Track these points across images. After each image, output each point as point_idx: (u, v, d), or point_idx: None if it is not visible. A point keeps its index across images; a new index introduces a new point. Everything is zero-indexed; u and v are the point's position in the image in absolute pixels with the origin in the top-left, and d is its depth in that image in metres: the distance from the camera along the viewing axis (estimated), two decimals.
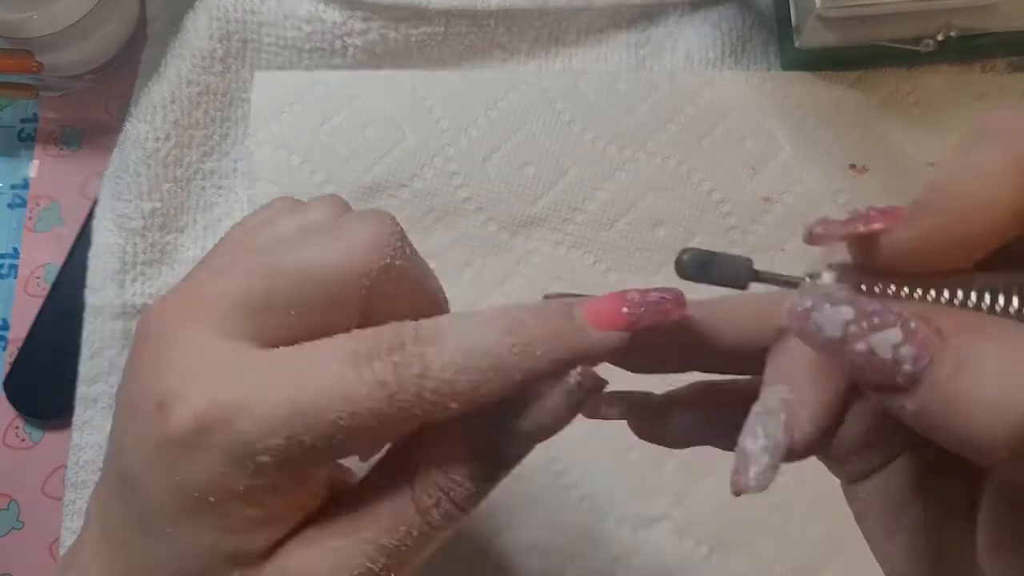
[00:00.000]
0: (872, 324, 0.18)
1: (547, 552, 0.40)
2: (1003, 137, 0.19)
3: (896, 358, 0.18)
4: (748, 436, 0.21)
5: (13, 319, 0.44)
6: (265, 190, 0.42)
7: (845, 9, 0.40)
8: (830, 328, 0.19)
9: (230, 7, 0.43)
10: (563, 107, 0.43)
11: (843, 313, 0.19)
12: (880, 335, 0.18)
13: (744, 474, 0.20)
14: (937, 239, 0.19)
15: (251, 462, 0.23)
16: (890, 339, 0.18)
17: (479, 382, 0.23)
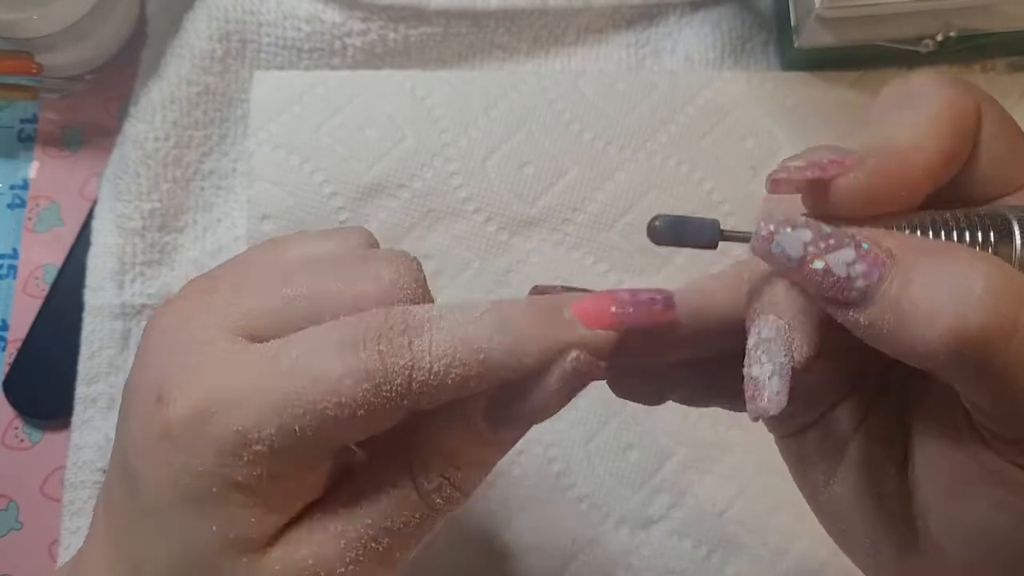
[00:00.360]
0: (828, 244, 0.21)
1: (547, 552, 0.40)
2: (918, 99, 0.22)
3: (850, 275, 0.20)
4: (754, 364, 0.22)
5: (12, 319, 0.44)
6: (264, 190, 0.42)
7: (845, 9, 0.40)
8: (791, 249, 0.21)
9: (229, 7, 0.43)
10: (563, 107, 0.43)
11: (802, 235, 0.21)
12: (835, 254, 0.20)
13: (760, 400, 0.22)
14: (882, 180, 0.22)
15: (246, 452, 0.23)
16: (844, 258, 0.20)
17: (467, 375, 0.23)
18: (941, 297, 0.19)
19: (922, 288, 0.20)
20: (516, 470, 0.41)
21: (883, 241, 0.21)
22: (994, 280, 0.19)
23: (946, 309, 0.19)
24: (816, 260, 0.21)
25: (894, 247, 0.20)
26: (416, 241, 0.42)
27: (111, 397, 0.42)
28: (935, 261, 0.20)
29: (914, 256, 0.20)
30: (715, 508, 0.40)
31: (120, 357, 0.42)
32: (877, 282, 0.20)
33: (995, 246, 0.21)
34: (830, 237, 0.21)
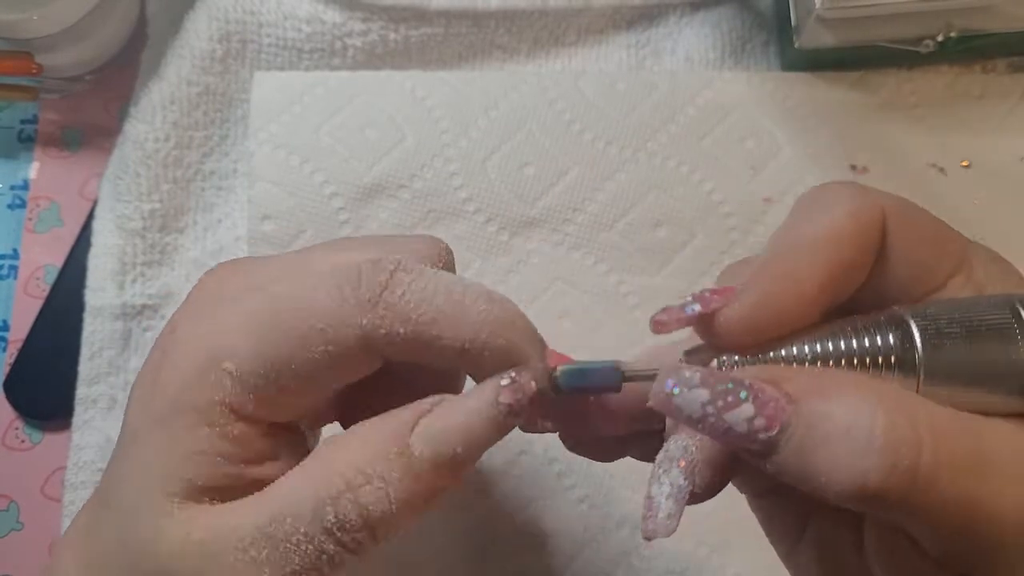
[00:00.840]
0: (726, 403, 0.21)
1: (547, 552, 0.40)
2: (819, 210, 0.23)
3: (750, 430, 0.20)
4: (654, 483, 0.23)
5: (13, 320, 0.44)
6: (265, 190, 0.42)
7: (845, 10, 0.40)
8: (690, 409, 0.21)
9: (230, 8, 0.43)
10: (563, 107, 0.43)
11: (699, 395, 0.21)
12: (733, 413, 0.21)
13: (651, 520, 0.22)
14: (764, 311, 0.22)
15: (215, 371, 0.24)
16: (743, 414, 0.21)
17: (439, 324, 0.24)
18: (839, 452, 0.19)
19: (821, 441, 0.20)
20: (516, 470, 0.41)
21: (783, 384, 0.21)
22: (889, 430, 0.19)
23: (845, 464, 0.19)
24: (716, 420, 0.21)
25: (792, 391, 0.21)
26: None
27: (112, 398, 0.42)
28: (833, 407, 0.20)
29: (813, 402, 0.20)
30: (715, 509, 0.40)
31: (121, 357, 0.42)
32: (778, 434, 0.20)
33: (898, 353, 0.21)
34: (727, 394, 0.21)
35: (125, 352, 0.42)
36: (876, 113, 0.44)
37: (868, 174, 0.43)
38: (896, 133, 0.44)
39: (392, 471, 0.24)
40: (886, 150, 0.44)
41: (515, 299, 0.41)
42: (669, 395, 0.21)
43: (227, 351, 0.24)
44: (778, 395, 0.21)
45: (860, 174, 0.43)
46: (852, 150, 0.44)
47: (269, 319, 0.24)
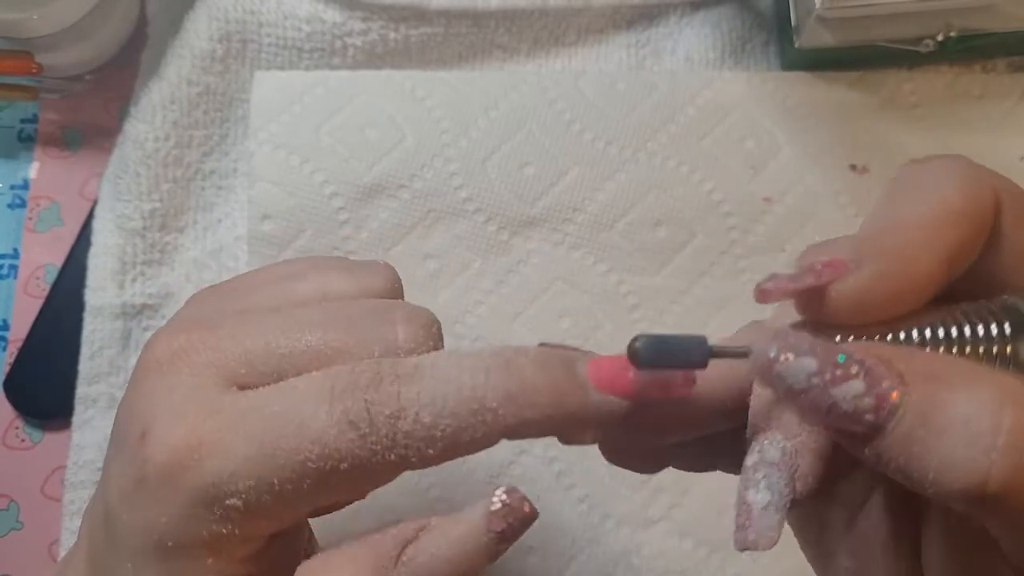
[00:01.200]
0: (835, 376, 0.19)
1: (547, 552, 0.40)
2: (928, 186, 0.21)
3: (857, 409, 0.19)
4: (751, 488, 0.21)
5: (13, 319, 0.44)
6: (265, 190, 0.42)
7: (845, 9, 0.40)
8: (794, 380, 0.19)
9: (230, 7, 0.43)
10: (563, 107, 0.43)
11: (806, 365, 0.19)
12: (842, 387, 0.19)
13: (750, 531, 0.21)
14: (882, 286, 0.20)
15: (219, 506, 0.22)
16: (852, 391, 0.19)
17: (459, 430, 0.22)
18: (957, 444, 0.18)
19: (935, 431, 0.18)
20: (516, 470, 0.41)
21: (895, 364, 0.19)
22: (1017, 428, 0.17)
23: (962, 459, 0.17)
24: (822, 394, 0.19)
25: (906, 373, 0.19)
26: (416, 241, 0.42)
27: (112, 397, 0.42)
28: (951, 395, 0.18)
29: (928, 387, 0.18)
30: (715, 508, 0.40)
31: (121, 357, 0.42)
32: (887, 416, 0.18)
33: (1013, 342, 0.20)
34: (836, 367, 0.19)
35: (125, 351, 0.42)
36: (876, 113, 0.44)
37: (868, 174, 0.43)
38: (896, 133, 0.44)
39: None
40: (886, 150, 0.44)
41: (515, 299, 0.42)
42: (772, 361, 0.19)
43: (229, 486, 0.22)
44: (890, 374, 0.19)
45: (860, 174, 0.43)
46: (852, 150, 0.44)
47: (273, 451, 0.22)
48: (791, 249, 0.43)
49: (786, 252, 0.43)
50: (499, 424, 0.22)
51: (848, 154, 0.44)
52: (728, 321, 0.42)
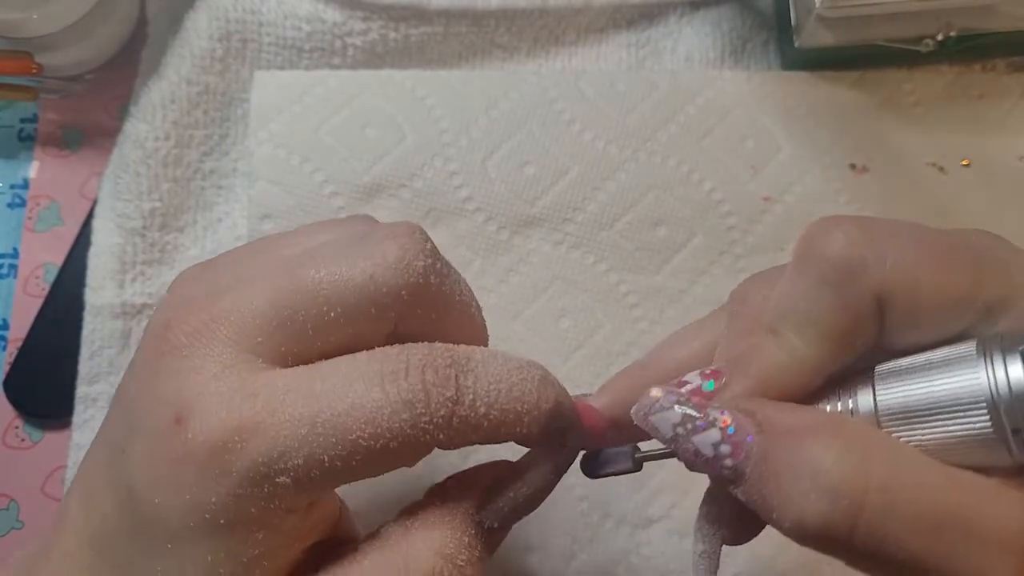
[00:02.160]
0: (695, 427, 0.21)
1: (547, 552, 0.40)
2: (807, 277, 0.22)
3: (716, 455, 0.21)
4: (694, 539, 0.24)
5: (13, 319, 0.44)
6: (265, 190, 0.42)
7: (845, 9, 0.40)
8: (663, 429, 0.22)
9: (230, 7, 0.43)
10: (563, 107, 0.43)
11: (671, 416, 0.22)
12: (701, 436, 0.21)
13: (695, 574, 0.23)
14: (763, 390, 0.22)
15: (269, 484, 0.22)
16: (710, 439, 0.21)
17: (502, 423, 0.24)
18: (787, 485, 0.20)
19: (773, 473, 0.20)
20: None
21: (758, 413, 0.21)
22: (835, 465, 0.19)
23: (789, 499, 0.20)
24: (685, 442, 0.22)
25: (764, 423, 0.21)
26: None
27: (112, 396, 0.42)
28: (791, 441, 0.20)
29: (774, 435, 0.21)
30: None
31: (121, 356, 0.42)
32: (743, 461, 0.21)
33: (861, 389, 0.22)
34: (696, 418, 0.22)
35: (125, 351, 0.42)
36: (876, 113, 0.44)
37: (868, 173, 0.43)
38: (896, 132, 0.44)
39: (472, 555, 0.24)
40: (886, 149, 0.44)
41: (515, 298, 0.42)
42: (647, 414, 0.22)
43: (279, 464, 0.22)
44: (748, 424, 0.21)
45: (860, 174, 0.43)
46: (852, 149, 0.44)
47: (325, 431, 0.22)
48: (790, 249, 0.43)
49: (785, 252, 0.43)
50: (535, 425, 0.24)
51: (848, 154, 0.44)
52: None
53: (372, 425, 0.22)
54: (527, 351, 0.42)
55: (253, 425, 0.22)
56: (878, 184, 0.43)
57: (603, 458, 0.26)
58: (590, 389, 0.42)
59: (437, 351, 0.24)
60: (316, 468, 0.22)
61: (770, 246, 0.43)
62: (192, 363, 0.24)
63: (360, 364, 0.23)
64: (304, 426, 0.22)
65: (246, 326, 0.24)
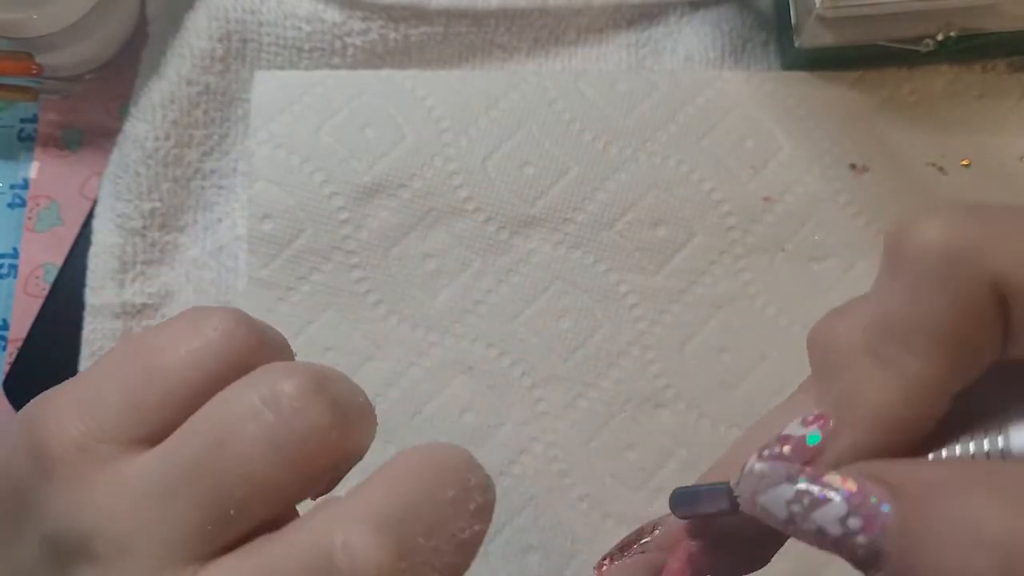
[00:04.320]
0: (815, 501, 0.18)
1: (547, 552, 0.40)
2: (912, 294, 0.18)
3: (847, 532, 0.17)
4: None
5: (13, 319, 0.44)
6: (265, 190, 0.42)
7: (845, 9, 0.40)
8: (777, 511, 0.18)
9: (230, 7, 0.43)
10: (563, 107, 0.43)
11: (783, 493, 0.18)
12: (822, 511, 0.18)
13: None
14: (884, 433, 0.18)
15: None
16: (833, 513, 0.17)
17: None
18: (946, 549, 0.16)
19: (923, 545, 0.16)
20: (516, 469, 0.41)
21: (886, 475, 0.17)
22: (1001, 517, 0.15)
23: (950, 565, 0.16)
24: (804, 522, 0.18)
25: (896, 483, 0.17)
26: (416, 241, 0.42)
27: None
28: (940, 501, 0.16)
29: (918, 499, 0.16)
30: None
31: None
32: (879, 533, 0.17)
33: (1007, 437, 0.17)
34: (811, 492, 0.18)
35: None
36: (876, 113, 0.44)
37: (868, 174, 0.43)
38: (896, 133, 0.44)
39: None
40: (886, 149, 0.44)
41: (515, 299, 0.42)
42: (752, 497, 0.18)
43: None
44: (879, 490, 0.17)
45: (860, 174, 0.43)
46: (852, 149, 0.44)
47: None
48: (791, 249, 0.43)
49: (786, 252, 0.43)
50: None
51: (848, 154, 0.44)
52: (728, 320, 0.42)
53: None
54: (527, 351, 0.42)
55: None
56: (878, 184, 0.43)
57: (697, 496, 0.22)
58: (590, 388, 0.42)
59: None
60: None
61: (770, 246, 0.43)
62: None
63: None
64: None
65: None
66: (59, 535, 0.19)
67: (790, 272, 0.43)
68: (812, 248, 0.43)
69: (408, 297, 0.42)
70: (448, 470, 0.19)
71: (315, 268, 0.42)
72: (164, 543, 0.19)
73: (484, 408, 0.41)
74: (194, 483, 0.19)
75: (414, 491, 0.18)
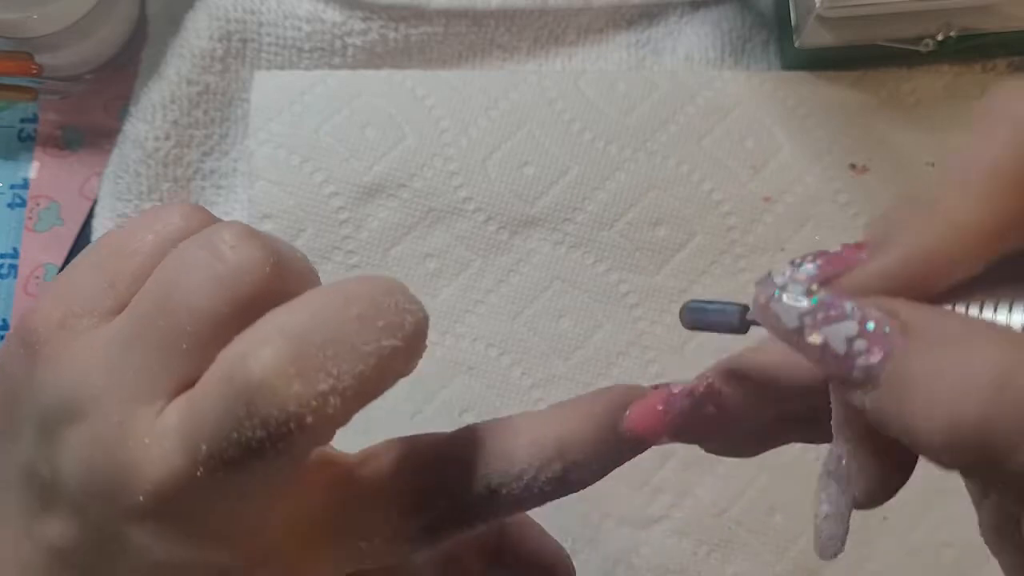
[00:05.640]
0: (828, 315, 0.18)
1: None
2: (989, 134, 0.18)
3: (849, 352, 0.17)
4: (818, 500, 0.20)
5: (13, 319, 0.44)
6: (265, 190, 0.42)
7: (845, 9, 0.40)
8: (787, 319, 0.18)
9: (230, 7, 0.43)
10: (563, 107, 0.43)
11: (797, 303, 0.18)
12: (833, 327, 0.18)
13: (817, 541, 0.20)
14: (914, 266, 0.18)
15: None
16: (844, 332, 0.18)
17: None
18: (942, 384, 0.16)
19: (926, 374, 0.17)
20: None
21: (900, 312, 0.18)
22: (1003, 360, 0.16)
23: (940, 401, 0.16)
24: (813, 333, 0.18)
25: (911, 321, 0.17)
26: (416, 241, 0.42)
27: None
28: (948, 347, 0.17)
29: (929, 337, 0.17)
30: (715, 508, 0.40)
31: None
32: (881, 362, 0.17)
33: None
34: (829, 307, 0.18)
35: None
36: (876, 112, 0.44)
37: (868, 173, 0.43)
38: (896, 132, 0.44)
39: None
40: (886, 149, 0.44)
41: (515, 298, 0.42)
42: (768, 300, 0.19)
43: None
44: (890, 321, 0.17)
45: (860, 174, 0.43)
46: (852, 149, 0.44)
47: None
48: (791, 249, 0.43)
49: (785, 251, 0.43)
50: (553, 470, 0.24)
51: (848, 154, 0.44)
52: None
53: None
54: (527, 351, 0.42)
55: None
56: (878, 184, 0.43)
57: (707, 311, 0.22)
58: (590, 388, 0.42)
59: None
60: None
61: (770, 246, 0.43)
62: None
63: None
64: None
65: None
66: (46, 407, 0.21)
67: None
68: (812, 248, 0.43)
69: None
70: (360, 292, 0.20)
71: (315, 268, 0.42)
72: (133, 387, 0.20)
73: (484, 408, 0.41)
74: (150, 327, 0.20)
75: (318, 308, 0.20)
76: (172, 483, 0.19)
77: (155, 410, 0.20)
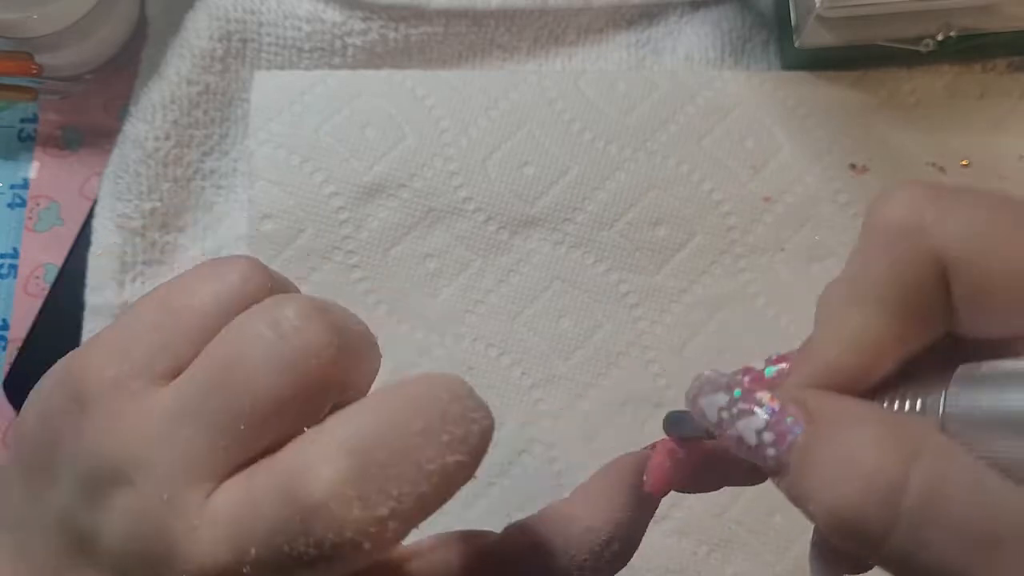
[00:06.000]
0: (740, 411, 0.20)
1: None
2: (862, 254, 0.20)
3: (759, 443, 0.19)
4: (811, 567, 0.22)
5: (13, 319, 0.44)
6: (265, 190, 0.42)
7: (845, 9, 0.40)
8: (709, 413, 0.20)
9: (230, 7, 0.43)
10: (563, 107, 0.43)
11: (717, 400, 0.20)
12: (745, 421, 0.19)
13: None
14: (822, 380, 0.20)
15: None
16: (754, 425, 0.19)
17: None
18: (826, 472, 0.18)
19: (819, 462, 0.18)
20: (516, 470, 0.41)
21: (807, 402, 0.19)
22: (877, 454, 0.17)
23: (825, 487, 0.18)
24: (729, 427, 0.20)
25: (815, 411, 0.19)
26: (416, 241, 0.42)
27: None
28: (837, 432, 0.18)
29: (826, 426, 0.19)
30: (715, 508, 0.40)
31: None
32: (784, 451, 0.19)
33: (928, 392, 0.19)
34: (743, 402, 0.20)
35: None
36: (876, 113, 0.44)
37: (868, 174, 0.43)
38: (896, 132, 0.44)
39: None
40: (886, 149, 0.44)
41: (515, 299, 0.42)
42: (697, 395, 0.21)
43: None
44: (797, 412, 0.19)
45: (860, 174, 0.43)
46: (852, 149, 0.44)
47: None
48: (791, 249, 0.43)
49: (785, 251, 0.43)
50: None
51: (848, 154, 0.44)
52: (728, 321, 0.42)
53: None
54: (527, 351, 0.42)
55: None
56: (878, 184, 0.43)
57: (682, 420, 0.24)
58: (590, 388, 0.42)
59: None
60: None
61: (770, 246, 0.43)
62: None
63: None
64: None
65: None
66: (94, 466, 0.21)
67: (790, 272, 0.43)
68: (812, 248, 0.43)
69: (408, 297, 0.42)
70: (426, 401, 0.20)
71: (315, 268, 0.42)
72: (183, 463, 0.20)
73: None
74: (206, 404, 0.20)
75: (382, 420, 0.19)
76: (216, 574, 0.19)
77: (205, 491, 0.20)
